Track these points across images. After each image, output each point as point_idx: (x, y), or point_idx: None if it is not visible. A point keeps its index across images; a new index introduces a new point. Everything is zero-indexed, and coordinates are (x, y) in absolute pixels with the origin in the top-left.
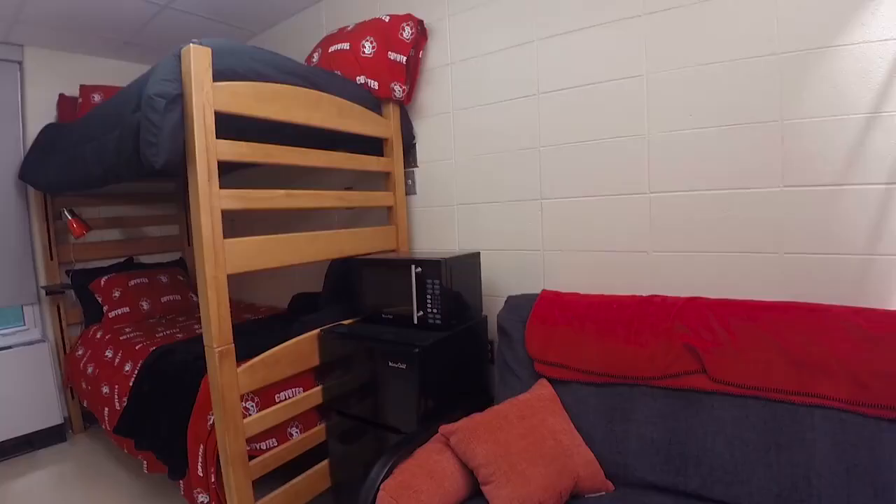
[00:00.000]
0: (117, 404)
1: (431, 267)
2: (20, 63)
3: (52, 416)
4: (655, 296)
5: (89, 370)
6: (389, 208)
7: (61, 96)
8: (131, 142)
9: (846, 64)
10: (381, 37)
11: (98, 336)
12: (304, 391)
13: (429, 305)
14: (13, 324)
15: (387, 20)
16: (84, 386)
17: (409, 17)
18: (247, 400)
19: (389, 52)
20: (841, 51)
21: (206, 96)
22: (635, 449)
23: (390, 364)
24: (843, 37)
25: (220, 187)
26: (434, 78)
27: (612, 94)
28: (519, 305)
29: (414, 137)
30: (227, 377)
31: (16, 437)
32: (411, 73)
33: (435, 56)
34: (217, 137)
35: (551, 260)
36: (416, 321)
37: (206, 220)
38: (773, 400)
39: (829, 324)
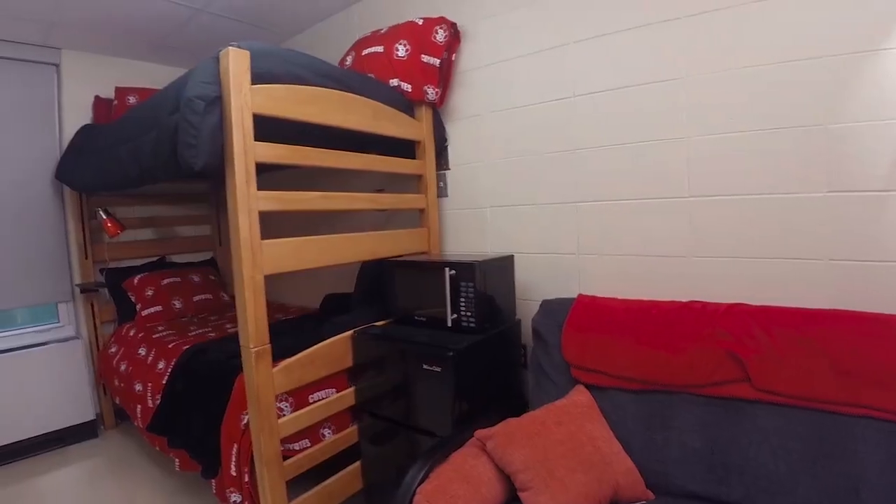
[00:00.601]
0: (150, 402)
1: (465, 269)
2: (57, 65)
3: (84, 412)
4: (695, 301)
5: (122, 367)
6: (421, 210)
7: (97, 98)
8: (168, 144)
9: (893, 68)
10: (414, 39)
11: (131, 334)
12: (337, 392)
13: (462, 308)
14: (48, 321)
15: (420, 23)
16: (117, 383)
17: (442, 20)
18: (281, 400)
19: (423, 55)
20: (888, 54)
21: (245, 99)
22: (676, 457)
23: (424, 367)
24: (891, 40)
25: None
26: (467, 80)
27: (650, 97)
28: (554, 310)
29: (446, 140)
30: (263, 377)
31: (48, 433)
32: (444, 76)
33: (468, 58)
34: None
35: (587, 264)
36: (449, 324)
37: (244, 222)
38: (819, 410)
39: (877, 332)
